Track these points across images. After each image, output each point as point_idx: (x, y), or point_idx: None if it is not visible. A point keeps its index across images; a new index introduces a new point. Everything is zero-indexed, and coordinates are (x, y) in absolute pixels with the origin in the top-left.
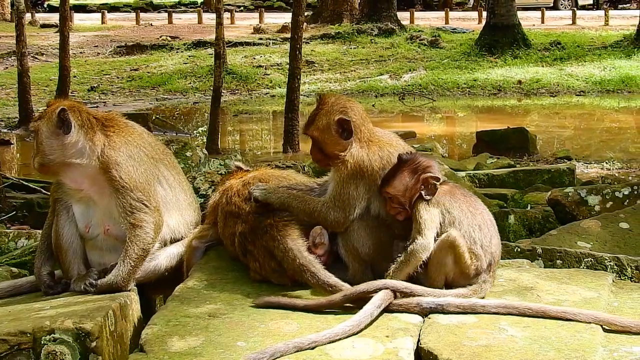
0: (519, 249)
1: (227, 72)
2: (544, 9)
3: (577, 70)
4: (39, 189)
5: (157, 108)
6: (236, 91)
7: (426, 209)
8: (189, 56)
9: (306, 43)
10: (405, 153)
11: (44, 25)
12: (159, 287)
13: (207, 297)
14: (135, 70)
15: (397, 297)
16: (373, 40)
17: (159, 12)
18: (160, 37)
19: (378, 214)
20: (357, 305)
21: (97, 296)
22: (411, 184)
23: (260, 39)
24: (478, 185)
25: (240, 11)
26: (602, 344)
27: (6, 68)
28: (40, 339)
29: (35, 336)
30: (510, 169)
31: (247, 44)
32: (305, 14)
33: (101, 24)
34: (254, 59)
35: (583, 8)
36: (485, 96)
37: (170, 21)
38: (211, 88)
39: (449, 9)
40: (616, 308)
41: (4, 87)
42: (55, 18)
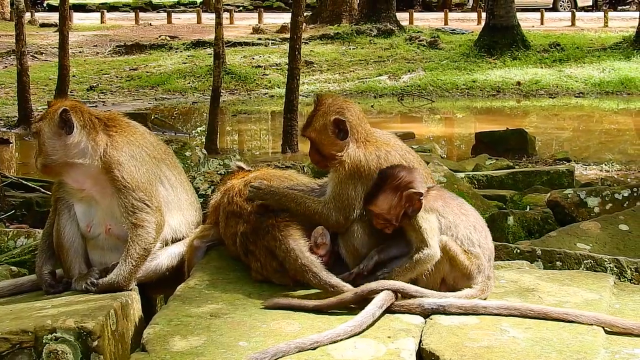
0: (519, 250)
1: (226, 72)
2: (543, 10)
3: (576, 72)
4: (38, 188)
5: (156, 108)
6: (235, 91)
7: (423, 217)
8: (188, 56)
9: (305, 43)
10: (386, 168)
11: (43, 25)
12: (160, 287)
13: (209, 297)
14: (134, 69)
15: (399, 298)
16: (372, 41)
17: (158, 12)
18: (160, 37)
19: None
20: (359, 306)
21: (99, 295)
22: (395, 202)
23: (260, 39)
24: (477, 187)
25: (240, 11)
26: (604, 346)
27: (5, 67)
28: (42, 337)
29: (37, 335)
30: (509, 170)
31: (246, 44)
32: (305, 14)
33: (100, 24)
34: (253, 59)
35: (582, 9)
36: (484, 97)
37: (169, 21)
38: (210, 88)
39: (448, 10)
40: (618, 310)
41: (3, 86)
42: (55, 17)
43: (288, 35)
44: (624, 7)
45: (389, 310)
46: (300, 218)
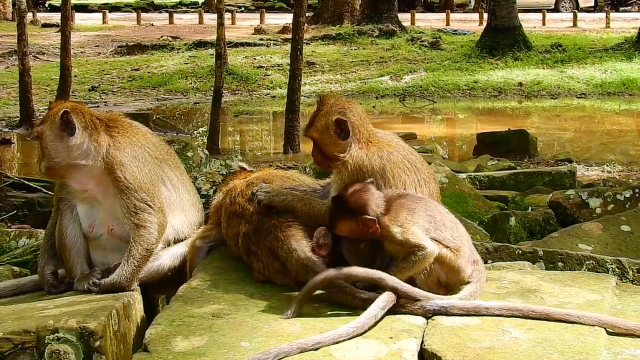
0: (520, 251)
1: (228, 73)
2: (545, 11)
3: (578, 73)
4: (40, 188)
5: (158, 108)
6: (237, 92)
7: (400, 232)
8: (190, 56)
9: (307, 44)
10: (341, 191)
11: (45, 25)
12: (162, 287)
13: (211, 297)
14: (136, 70)
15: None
16: (374, 42)
17: (160, 12)
18: (161, 37)
19: None
20: (362, 307)
21: (101, 296)
22: (354, 226)
23: (261, 39)
24: (478, 187)
25: (241, 12)
26: (606, 347)
27: (7, 67)
28: (44, 338)
29: (39, 335)
30: (511, 171)
31: (248, 44)
32: (306, 14)
33: (102, 24)
34: (255, 59)
35: (584, 10)
36: (486, 98)
37: (171, 21)
38: (212, 88)
39: (449, 11)
40: (620, 311)
41: (5, 87)
42: (57, 17)
43: (290, 36)
44: (625, 8)
45: (391, 311)
46: (303, 219)
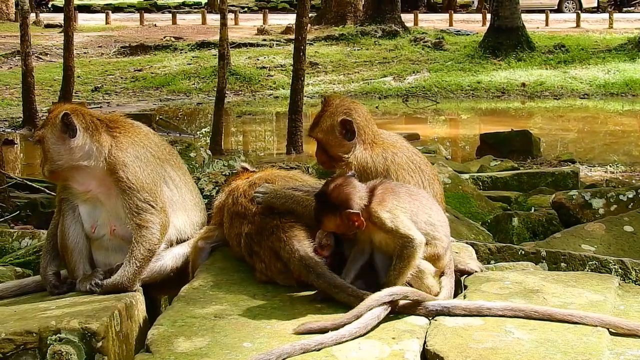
0: (523, 252)
1: (231, 73)
2: (548, 11)
3: (581, 73)
4: (43, 188)
5: (161, 109)
6: (240, 92)
7: (389, 218)
8: (193, 57)
9: (310, 44)
10: (323, 187)
11: (48, 25)
12: (164, 288)
13: (213, 298)
14: (139, 70)
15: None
16: (377, 42)
17: (163, 13)
18: (164, 38)
19: None
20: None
21: (103, 296)
22: (339, 221)
23: (264, 40)
24: (481, 188)
25: (244, 12)
26: (609, 347)
27: (10, 68)
28: (46, 338)
29: (41, 336)
30: (514, 172)
31: (251, 45)
32: (309, 15)
33: (105, 25)
34: (258, 60)
35: (587, 11)
36: (489, 98)
37: (174, 22)
38: (215, 89)
39: (453, 11)
40: (622, 311)
41: (8, 87)
42: (60, 18)
43: (293, 36)
44: (629, 9)
45: (393, 311)
46: (305, 219)
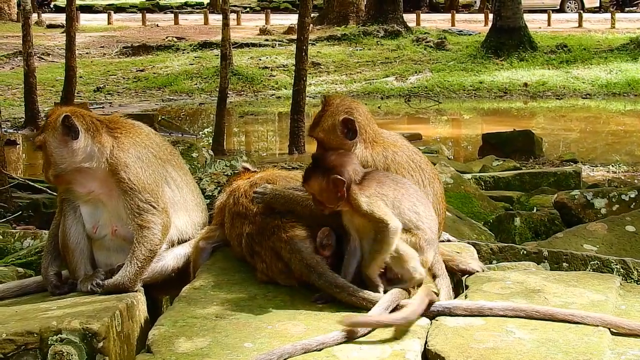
0: (525, 252)
1: (233, 74)
2: (551, 11)
3: (584, 73)
4: (45, 189)
5: (163, 109)
6: (242, 92)
7: (366, 202)
8: (195, 57)
9: (312, 44)
10: (321, 152)
11: (50, 26)
12: (165, 288)
13: (214, 298)
14: (141, 71)
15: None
16: (379, 42)
17: (165, 13)
18: (166, 38)
19: None
20: (365, 307)
21: (104, 296)
22: (324, 185)
23: (267, 40)
24: (484, 188)
25: (247, 12)
26: (610, 347)
27: (12, 68)
28: (47, 339)
29: (42, 336)
30: (516, 172)
31: (253, 45)
32: (312, 15)
33: (107, 25)
34: (260, 60)
35: (589, 11)
36: (491, 98)
37: (176, 22)
38: (217, 89)
39: (455, 11)
40: (624, 311)
41: (10, 87)
42: (62, 18)
43: (295, 37)
44: (631, 9)
45: (395, 311)
46: (306, 219)
